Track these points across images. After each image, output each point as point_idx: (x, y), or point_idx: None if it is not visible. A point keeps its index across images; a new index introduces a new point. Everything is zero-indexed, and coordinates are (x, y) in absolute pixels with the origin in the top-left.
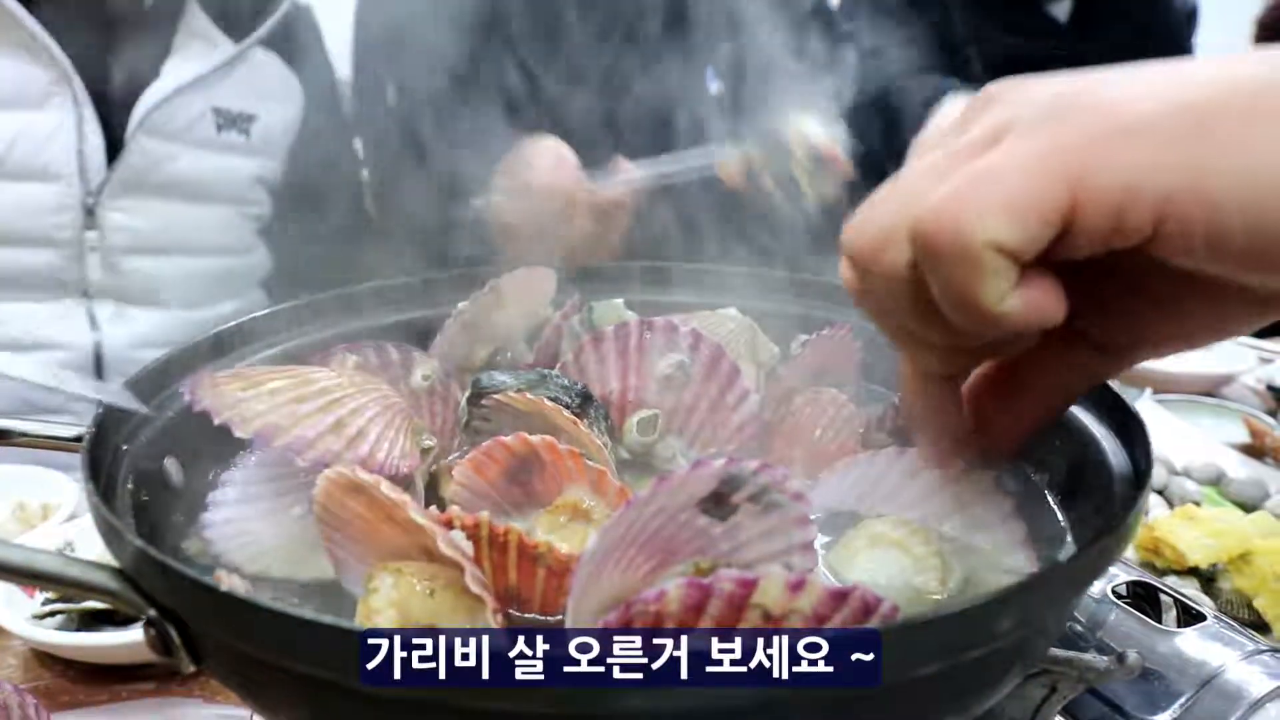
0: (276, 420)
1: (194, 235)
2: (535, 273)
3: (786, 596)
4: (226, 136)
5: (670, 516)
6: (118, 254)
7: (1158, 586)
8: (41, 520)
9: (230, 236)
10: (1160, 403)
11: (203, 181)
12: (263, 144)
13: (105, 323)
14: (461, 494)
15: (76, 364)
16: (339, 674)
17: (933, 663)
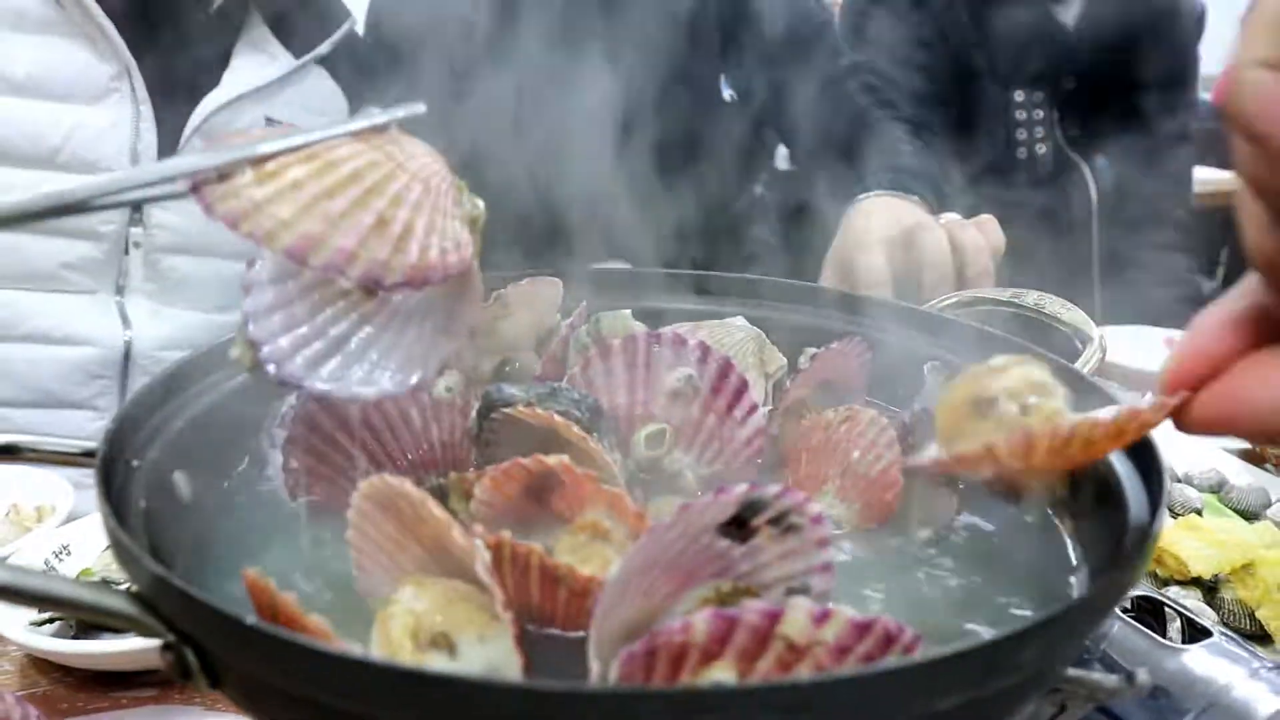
0: (308, 228)
1: (230, 237)
2: (541, 281)
3: (811, 628)
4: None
5: (691, 540)
6: (159, 252)
7: (1161, 600)
8: (36, 523)
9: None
10: None
11: None
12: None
13: (137, 321)
14: (482, 510)
15: (105, 361)
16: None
17: (954, 695)
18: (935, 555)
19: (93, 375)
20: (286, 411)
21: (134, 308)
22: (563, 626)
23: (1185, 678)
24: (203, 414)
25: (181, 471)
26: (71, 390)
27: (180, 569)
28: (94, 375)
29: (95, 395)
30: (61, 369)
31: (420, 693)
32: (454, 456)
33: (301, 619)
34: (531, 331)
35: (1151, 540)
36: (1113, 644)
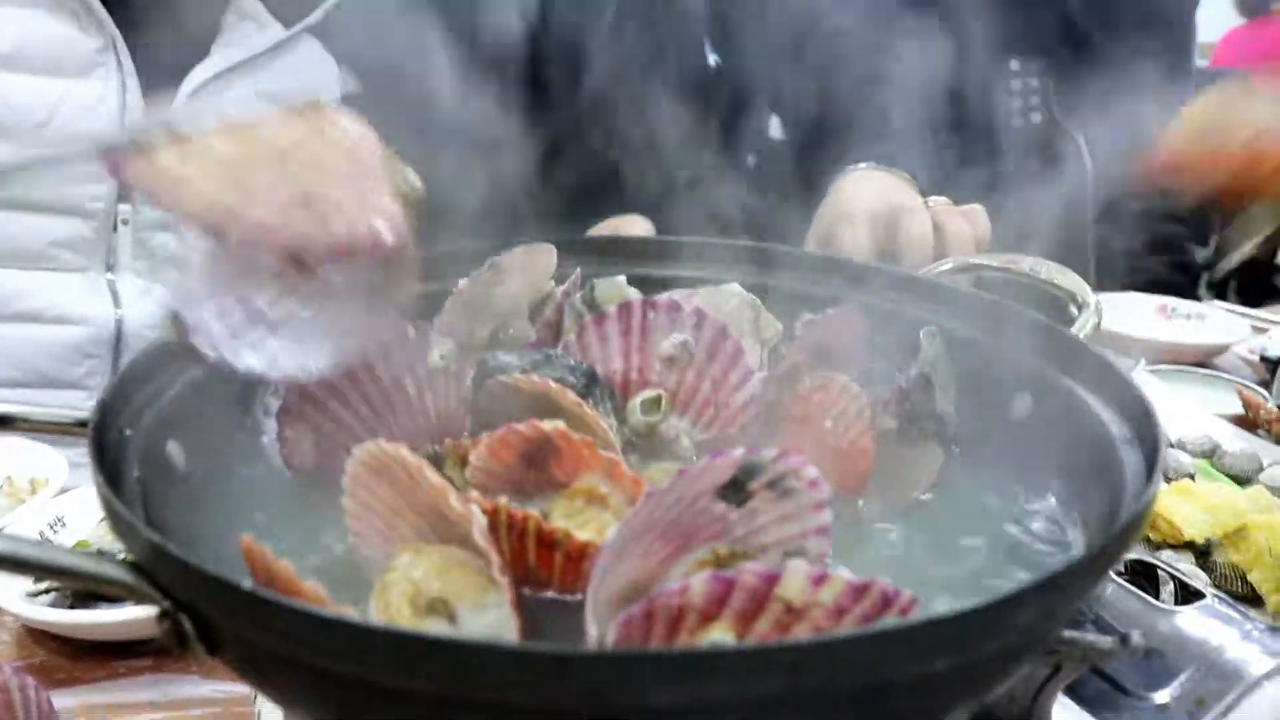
0: (227, 202)
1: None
2: (535, 248)
3: (809, 590)
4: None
5: (688, 504)
6: (148, 229)
7: (1154, 563)
8: (30, 495)
9: None
10: (1153, 373)
11: None
12: None
13: (128, 299)
14: (479, 477)
15: (97, 340)
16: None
17: (951, 657)
18: (920, 520)
19: (85, 354)
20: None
21: (124, 286)
22: (560, 590)
23: (1178, 639)
24: (196, 384)
25: (176, 441)
26: (64, 370)
27: (175, 537)
28: (86, 354)
29: (87, 375)
30: (54, 348)
31: (418, 657)
32: (449, 424)
33: (297, 584)
34: (526, 299)
35: (1149, 502)
36: (1106, 606)
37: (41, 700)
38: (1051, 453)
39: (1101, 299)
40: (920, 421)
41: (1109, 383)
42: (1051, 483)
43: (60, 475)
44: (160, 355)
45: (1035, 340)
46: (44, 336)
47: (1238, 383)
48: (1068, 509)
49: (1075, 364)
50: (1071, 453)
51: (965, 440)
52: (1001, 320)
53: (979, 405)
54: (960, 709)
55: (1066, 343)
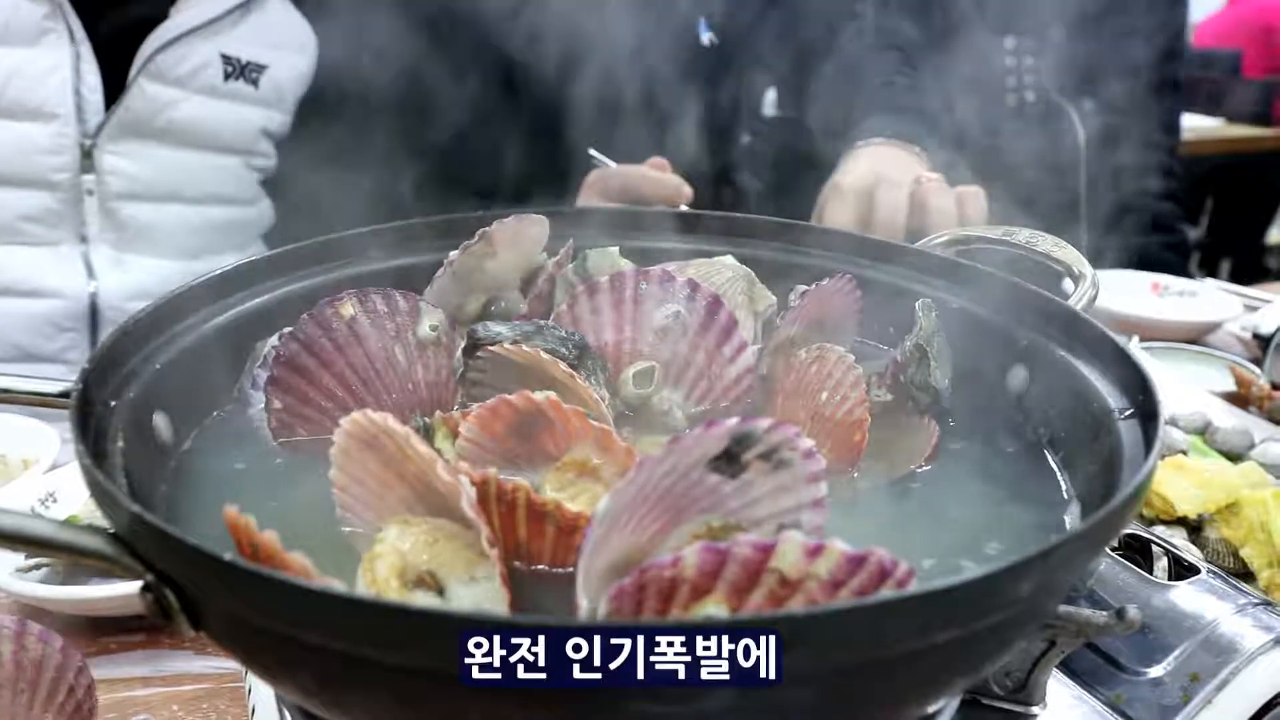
0: None
1: (196, 184)
2: (527, 219)
3: (804, 561)
4: (233, 85)
5: (681, 475)
6: (115, 199)
7: (1149, 538)
8: (24, 471)
9: (233, 187)
10: (1146, 350)
11: (206, 130)
12: (272, 95)
13: (102, 271)
14: (468, 449)
15: (71, 313)
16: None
17: (949, 629)
18: (915, 493)
19: (61, 328)
20: (268, 352)
21: (98, 258)
22: (551, 564)
23: (1173, 614)
24: (182, 355)
25: (161, 413)
26: (40, 344)
27: (160, 510)
28: (62, 328)
29: (65, 349)
30: (30, 322)
31: (405, 628)
32: (439, 396)
33: (282, 556)
34: (517, 271)
35: (1149, 474)
36: (1101, 581)
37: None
38: (1048, 425)
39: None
40: (915, 394)
41: (1106, 355)
42: (1048, 456)
43: (52, 450)
44: (145, 326)
45: (1032, 312)
46: (18, 310)
47: (1230, 360)
48: (1065, 482)
49: (1072, 336)
50: (1069, 426)
51: (961, 413)
52: (997, 292)
53: (975, 378)
54: (957, 683)
55: (1063, 315)
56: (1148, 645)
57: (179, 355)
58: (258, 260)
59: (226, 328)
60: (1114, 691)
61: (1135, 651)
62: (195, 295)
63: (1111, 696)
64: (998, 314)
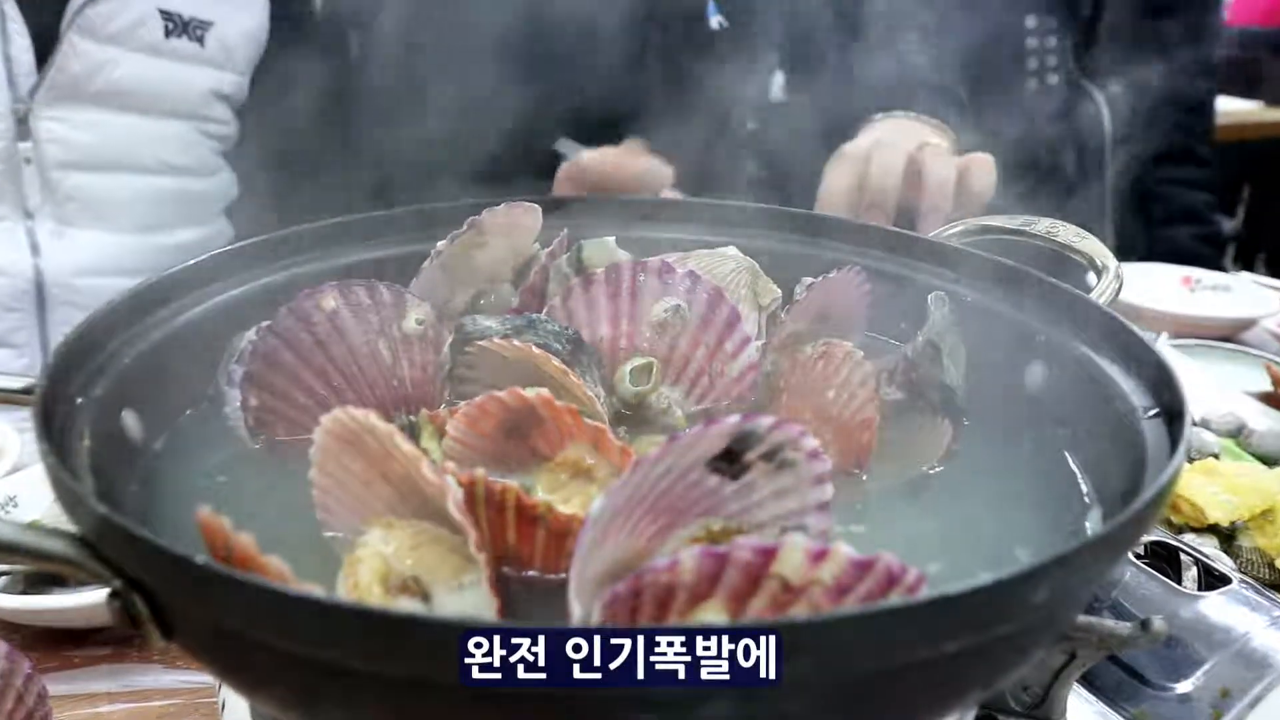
0: None
1: (142, 151)
2: (518, 208)
3: (808, 566)
4: (176, 43)
5: (679, 476)
6: (57, 169)
7: (1178, 546)
8: None
9: (186, 156)
10: (1176, 348)
11: (149, 92)
12: (220, 54)
13: (46, 246)
14: (456, 449)
15: (15, 291)
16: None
17: (961, 639)
18: (928, 496)
19: (6, 308)
20: (245, 347)
21: (42, 232)
22: (542, 569)
23: (1202, 626)
24: (154, 349)
25: (131, 410)
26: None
27: (129, 512)
28: (8, 308)
29: (12, 330)
30: None
31: (388, 636)
32: (425, 394)
33: (259, 559)
34: (508, 262)
35: (1174, 476)
36: (1125, 592)
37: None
38: (1068, 425)
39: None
40: (927, 392)
41: (1130, 350)
42: (1068, 457)
43: (14, 450)
44: (114, 318)
45: (1051, 306)
46: None
47: (1266, 358)
48: (1085, 486)
49: (1094, 331)
50: (1089, 425)
51: (975, 412)
52: (1015, 284)
53: (990, 375)
54: (970, 697)
55: (1085, 308)
56: (1175, 659)
57: (150, 349)
58: (233, 250)
59: (201, 321)
60: (1139, 708)
61: (1162, 666)
62: (167, 286)
63: (1136, 713)
64: (1015, 308)
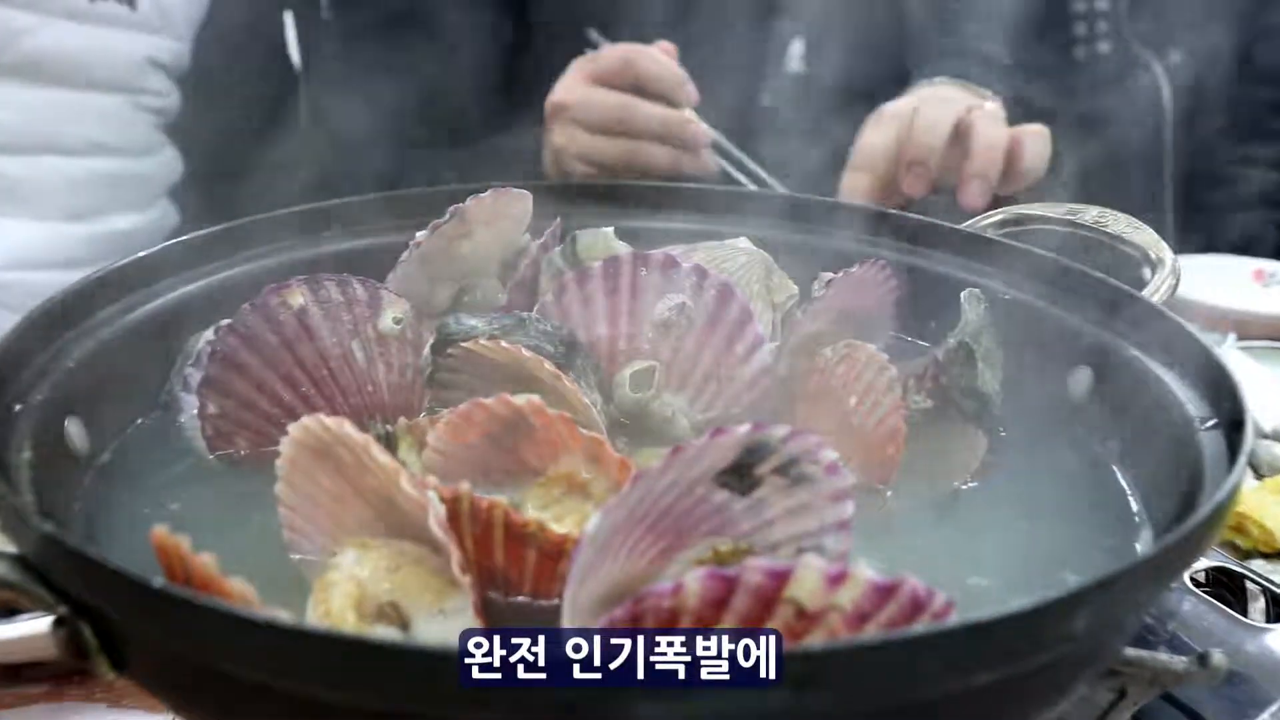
0: None
1: (71, 130)
2: (507, 194)
3: (825, 590)
4: (104, 7)
5: (684, 491)
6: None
7: (1242, 573)
8: None
9: (122, 133)
10: (1245, 350)
11: (75, 62)
12: (155, 17)
13: None
14: (437, 461)
15: None
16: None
17: (993, 670)
18: (959, 515)
19: None
20: (203, 348)
21: None
22: (533, 594)
23: (1270, 662)
24: (100, 350)
25: (75, 418)
26: None
27: (75, 531)
28: None
29: None
30: None
31: (365, 666)
32: (404, 400)
33: (220, 582)
34: (495, 254)
35: (1232, 492)
36: (1184, 624)
37: None
38: (1116, 437)
39: (1182, 261)
40: (959, 400)
41: (1186, 354)
42: (1116, 472)
43: None
44: (56, 315)
45: (1099, 304)
46: None
47: None
48: (1136, 504)
49: (1146, 332)
50: (1140, 437)
51: (1013, 422)
52: (1058, 280)
53: (1030, 381)
54: None
55: (1136, 307)
56: (1238, 699)
57: (96, 351)
58: (187, 240)
59: (152, 319)
60: None
61: (1224, 706)
62: (115, 280)
63: None
64: (1058, 307)
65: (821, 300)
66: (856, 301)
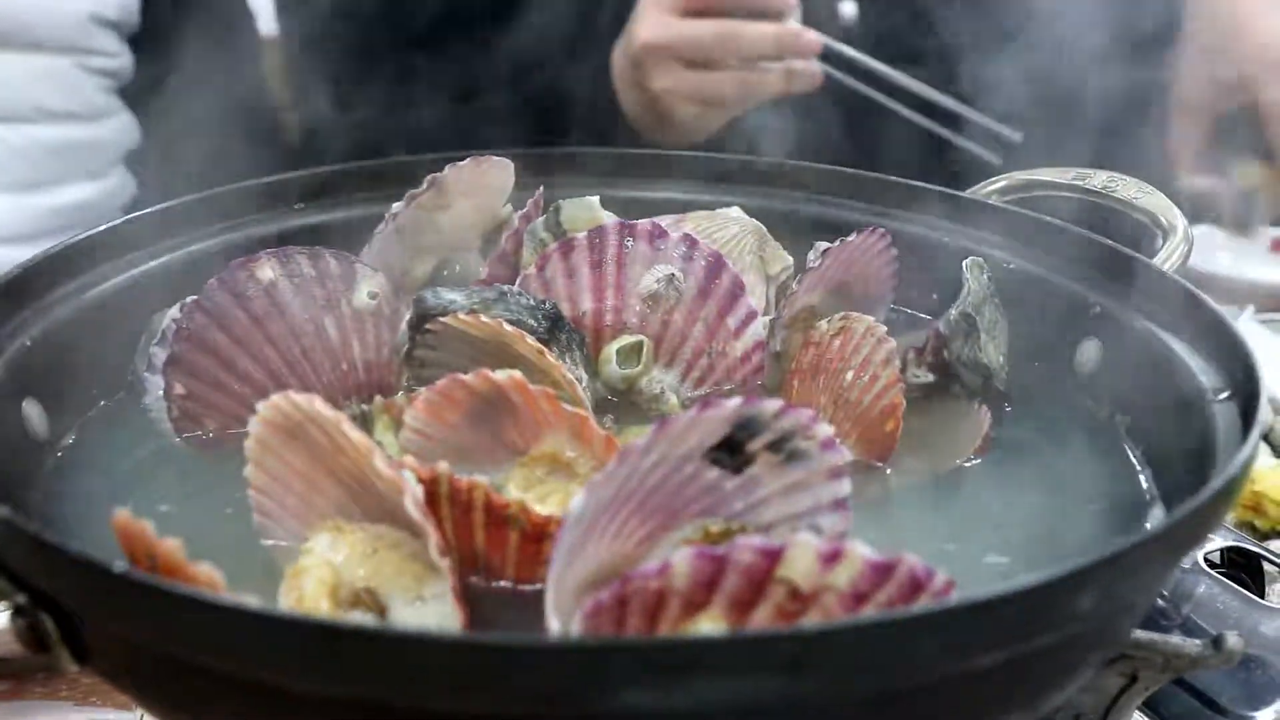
0: None
1: (15, 97)
2: (486, 163)
3: (819, 570)
4: None
5: (673, 469)
6: None
7: (1260, 553)
8: None
9: (69, 97)
10: (1264, 324)
11: (14, 21)
12: None
13: None
14: (415, 441)
15: None
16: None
17: (996, 651)
18: (961, 493)
19: None
20: (168, 326)
21: None
22: (516, 579)
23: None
24: (60, 329)
25: (33, 400)
26: None
27: (34, 518)
28: None
29: None
30: None
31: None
32: (379, 379)
33: (185, 568)
34: (476, 225)
35: (1244, 464)
36: (1198, 606)
37: None
38: (1125, 410)
39: (1196, 231)
40: (962, 373)
41: (1198, 323)
42: (1125, 447)
43: None
44: (12, 291)
45: (1107, 273)
46: None
47: None
48: (1146, 480)
49: (1156, 301)
50: (1150, 410)
51: (1018, 396)
52: (1064, 249)
53: (1036, 353)
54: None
55: (1146, 276)
56: (1254, 684)
57: (55, 330)
58: (150, 213)
59: (114, 296)
60: None
61: (1239, 690)
62: (73, 255)
63: None
64: (1065, 276)
65: (817, 271)
66: (854, 272)
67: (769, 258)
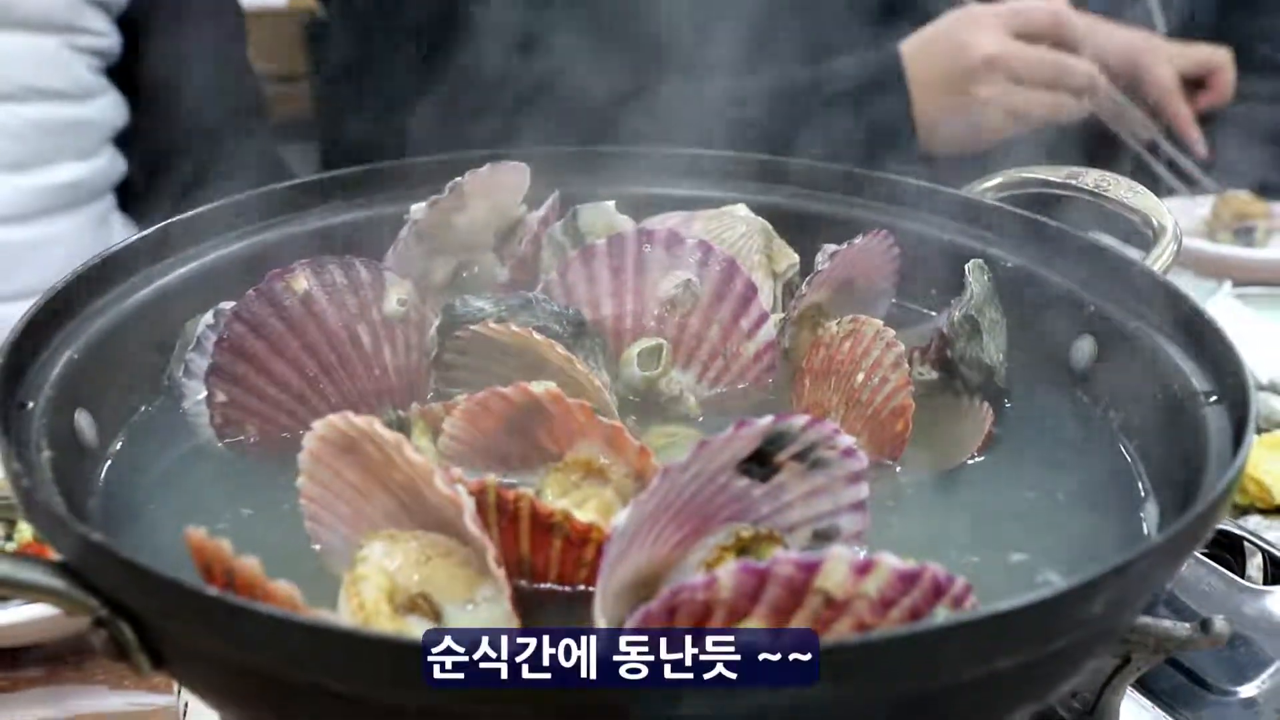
0: None
1: (2, 73)
2: (502, 167)
3: (852, 580)
4: None
5: (707, 480)
6: None
7: (1241, 534)
8: None
9: (56, 76)
10: (1241, 298)
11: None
12: None
13: None
14: (454, 447)
15: None
16: (370, 688)
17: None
18: (966, 488)
19: None
20: (204, 333)
21: None
22: (559, 581)
23: (1269, 624)
24: (101, 339)
25: (84, 411)
26: None
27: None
28: None
29: None
30: None
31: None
32: (411, 383)
33: (264, 585)
34: (490, 225)
35: (1237, 472)
36: (1183, 586)
37: None
38: (1120, 408)
39: (1179, 204)
40: (965, 372)
41: (1189, 325)
42: (1121, 445)
43: None
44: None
45: (1101, 274)
46: None
47: None
48: (1141, 476)
49: (1148, 302)
50: (1144, 409)
51: (1019, 394)
52: (1061, 250)
53: (1035, 352)
54: (1019, 712)
55: (1138, 276)
56: (1239, 661)
57: (96, 340)
58: (173, 223)
59: (149, 303)
60: (1199, 714)
61: (1224, 668)
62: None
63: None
64: (1060, 275)
65: (825, 272)
66: (859, 270)
67: (775, 256)
